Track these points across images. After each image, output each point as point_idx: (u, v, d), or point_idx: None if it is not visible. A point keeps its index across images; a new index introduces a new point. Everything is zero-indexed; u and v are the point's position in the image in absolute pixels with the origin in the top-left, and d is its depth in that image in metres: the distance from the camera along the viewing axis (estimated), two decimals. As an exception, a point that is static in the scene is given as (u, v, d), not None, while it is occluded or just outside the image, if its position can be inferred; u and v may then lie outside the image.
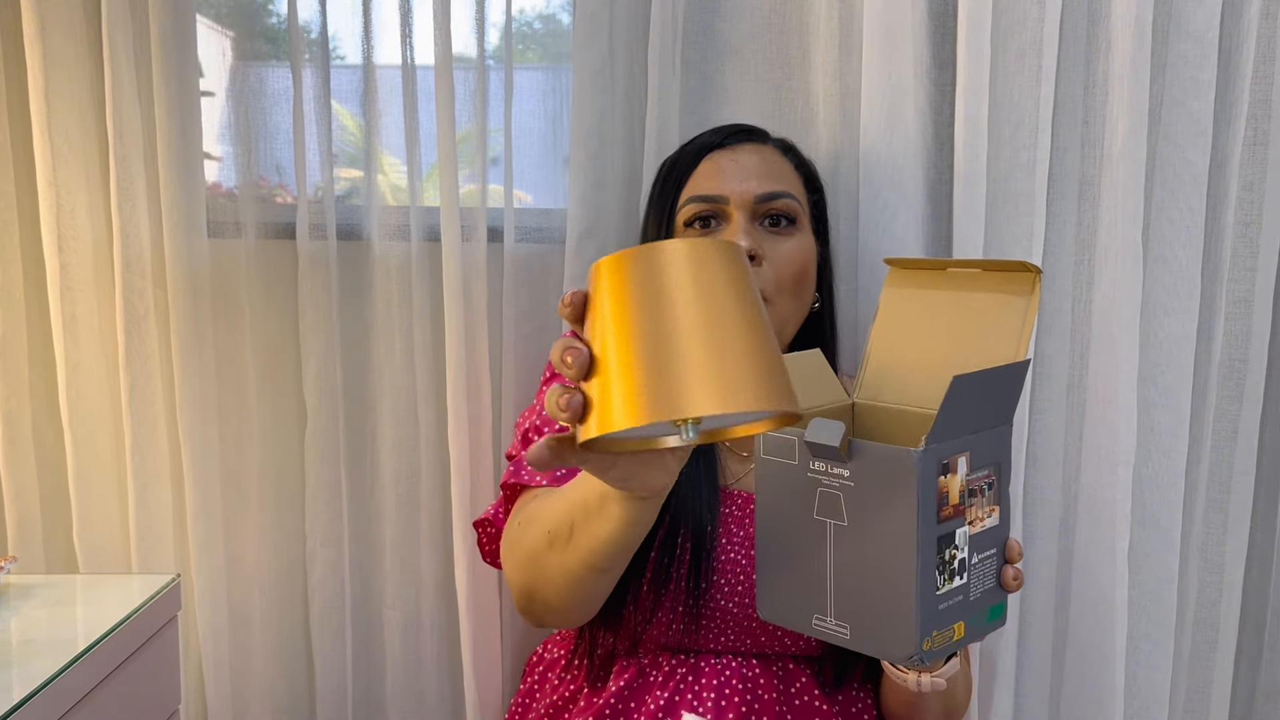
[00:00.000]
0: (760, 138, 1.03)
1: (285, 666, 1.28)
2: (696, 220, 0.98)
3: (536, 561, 0.81)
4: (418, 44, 1.16)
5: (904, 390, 0.71)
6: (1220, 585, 1.17)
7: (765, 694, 0.94)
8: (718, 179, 0.98)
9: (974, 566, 0.64)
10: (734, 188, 0.97)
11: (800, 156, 1.05)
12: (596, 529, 0.71)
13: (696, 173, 0.99)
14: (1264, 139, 1.09)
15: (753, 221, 0.97)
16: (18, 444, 1.19)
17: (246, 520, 1.24)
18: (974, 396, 0.61)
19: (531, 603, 0.85)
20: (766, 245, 0.96)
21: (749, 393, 0.49)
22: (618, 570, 0.79)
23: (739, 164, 0.98)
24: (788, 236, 0.98)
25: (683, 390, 0.48)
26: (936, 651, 0.62)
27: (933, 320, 0.71)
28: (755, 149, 1.01)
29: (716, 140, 1.01)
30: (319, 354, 1.21)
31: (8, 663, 0.84)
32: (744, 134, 1.02)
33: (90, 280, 1.17)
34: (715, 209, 0.97)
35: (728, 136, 1.01)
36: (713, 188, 0.98)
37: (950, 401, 0.58)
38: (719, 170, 0.98)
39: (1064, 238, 1.13)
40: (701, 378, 0.48)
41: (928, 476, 0.59)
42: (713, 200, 0.97)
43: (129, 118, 1.13)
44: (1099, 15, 1.09)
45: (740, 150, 1.00)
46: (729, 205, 0.97)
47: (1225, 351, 1.13)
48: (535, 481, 0.91)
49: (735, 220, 0.96)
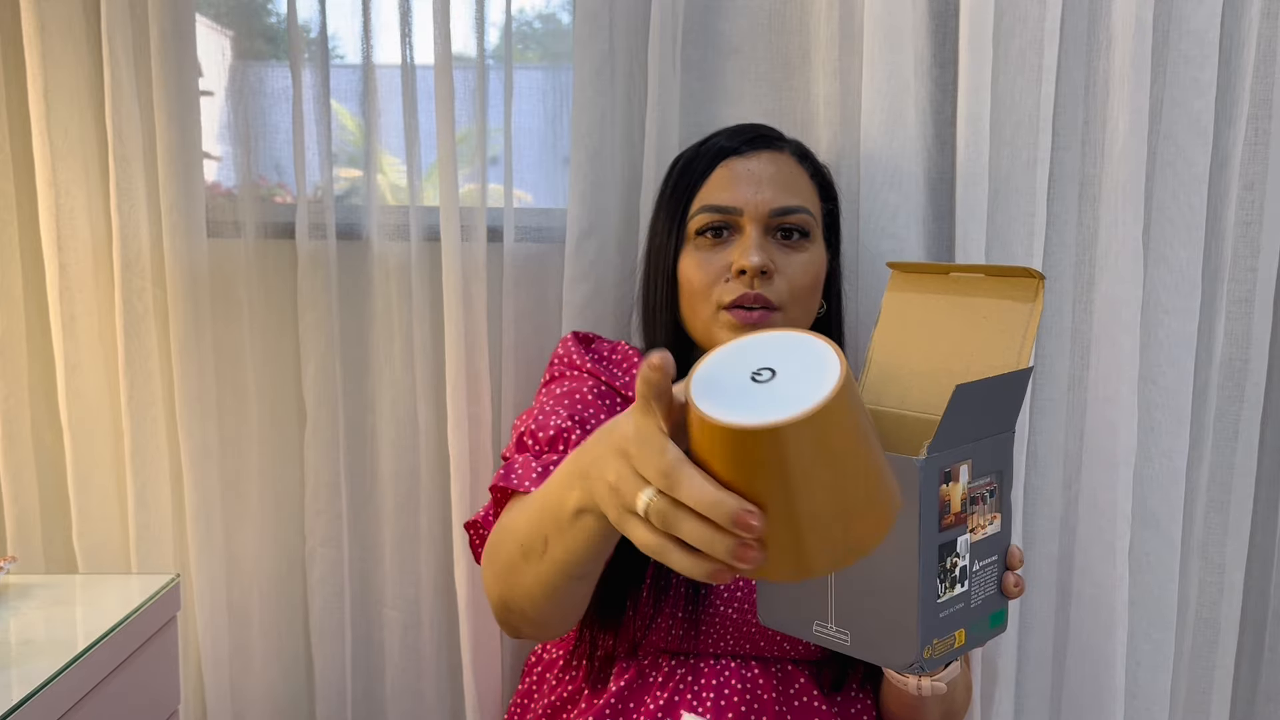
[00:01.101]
0: (777, 144, 1.01)
1: (285, 666, 1.28)
2: (709, 230, 0.97)
3: (513, 573, 0.78)
4: (417, 43, 1.16)
5: (905, 395, 0.71)
6: (1221, 586, 1.17)
7: (764, 695, 0.94)
8: (732, 189, 0.96)
9: (975, 574, 0.64)
10: (749, 199, 0.95)
11: (816, 164, 1.04)
12: (571, 539, 0.68)
13: (711, 180, 0.98)
14: (1265, 139, 1.09)
15: (765, 234, 0.96)
16: (17, 444, 1.19)
17: (246, 520, 1.24)
18: (976, 405, 0.60)
19: (509, 614, 0.83)
20: (779, 258, 0.95)
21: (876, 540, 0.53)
22: (594, 575, 0.76)
23: (754, 173, 0.97)
24: (800, 250, 0.97)
25: (830, 555, 0.52)
26: (937, 659, 0.62)
27: (935, 325, 0.71)
28: (772, 158, 0.99)
29: (732, 146, 0.99)
30: (318, 354, 1.21)
31: (7, 663, 0.84)
32: (761, 140, 1.00)
33: (89, 280, 1.17)
34: (728, 220, 0.96)
35: (744, 142, 0.99)
36: (727, 198, 0.96)
37: (952, 411, 0.58)
38: (734, 179, 0.97)
39: (1065, 237, 1.13)
40: (845, 543, 0.52)
41: (930, 485, 0.59)
42: (726, 211, 0.96)
43: (128, 117, 1.13)
44: (1100, 14, 1.09)
45: (756, 158, 0.98)
46: (742, 217, 0.96)
47: (1226, 351, 1.13)
48: (523, 487, 0.88)
49: (748, 233, 0.95)
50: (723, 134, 1.02)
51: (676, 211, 0.99)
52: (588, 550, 0.68)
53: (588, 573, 0.74)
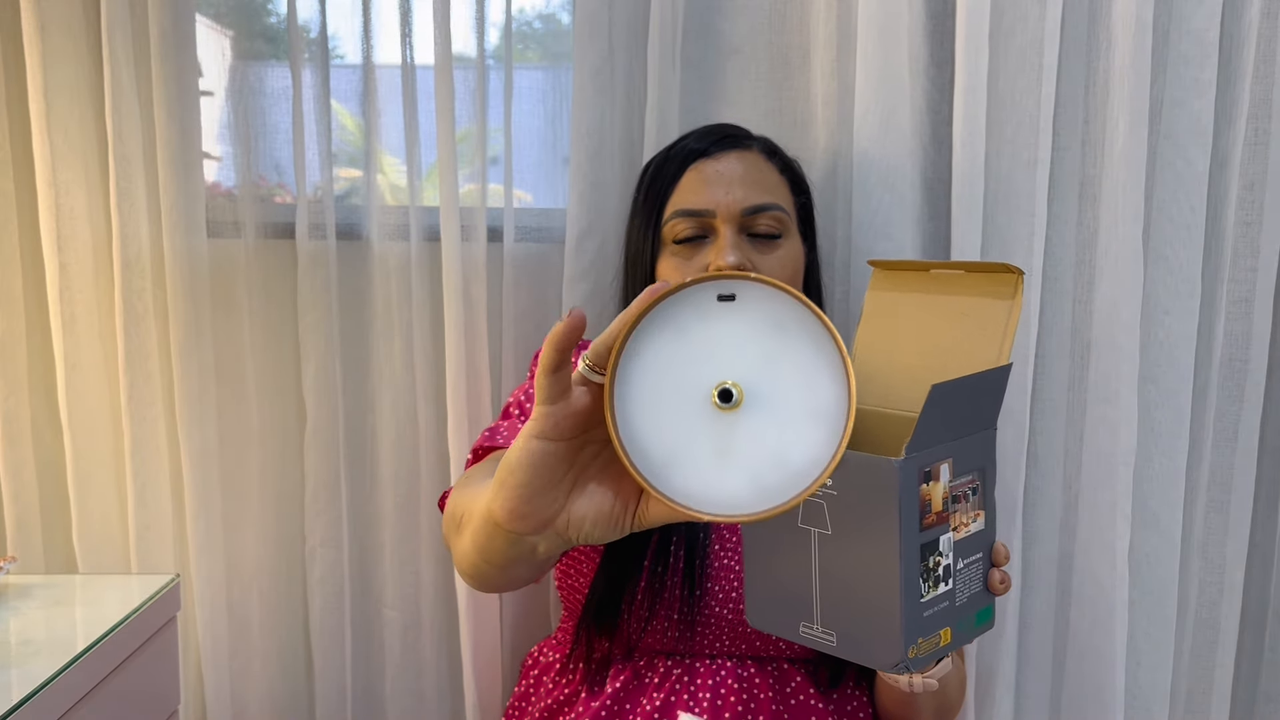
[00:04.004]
0: (745, 143, 1.01)
1: (284, 666, 1.28)
2: (685, 240, 0.97)
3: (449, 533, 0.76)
4: (417, 43, 1.16)
5: (888, 394, 0.71)
6: (1221, 586, 1.17)
7: (761, 694, 0.94)
8: (703, 191, 0.96)
9: (959, 572, 0.64)
10: (719, 200, 0.96)
11: (785, 159, 1.04)
12: (481, 536, 0.62)
13: (681, 183, 0.98)
14: (1265, 138, 1.09)
15: (740, 235, 0.96)
16: (17, 444, 1.19)
17: (246, 520, 1.24)
18: (954, 403, 0.60)
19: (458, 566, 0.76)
20: (755, 257, 0.96)
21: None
22: (514, 574, 0.68)
23: (723, 174, 0.97)
24: (776, 248, 0.97)
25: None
26: (923, 658, 0.62)
27: (916, 323, 0.71)
28: (740, 156, 0.99)
29: (700, 148, 0.99)
30: (318, 354, 1.21)
31: (7, 663, 0.84)
32: (728, 140, 1.00)
33: (89, 280, 1.17)
34: (702, 224, 0.96)
35: (712, 143, 0.99)
36: (698, 201, 0.96)
37: (929, 410, 0.58)
38: (704, 181, 0.97)
39: (1064, 237, 1.13)
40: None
41: (909, 486, 0.59)
42: (698, 214, 0.96)
43: (128, 117, 1.13)
44: (1100, 14, 1.09)
45: (725, 159, 0.98)
46: (715, 219, 0.96)
47: (1226, 351, 1.13)
48: (509, 444, 0.87)
49: (723, 235, 0.95)
50: (691, 136, 1.02)
51: (651, 217, 0.99)
52: (497, 552, 0.61)
53: (498, 573, 0.66)
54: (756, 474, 0.48)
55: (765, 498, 0.47)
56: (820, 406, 0.47)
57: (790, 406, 0.47)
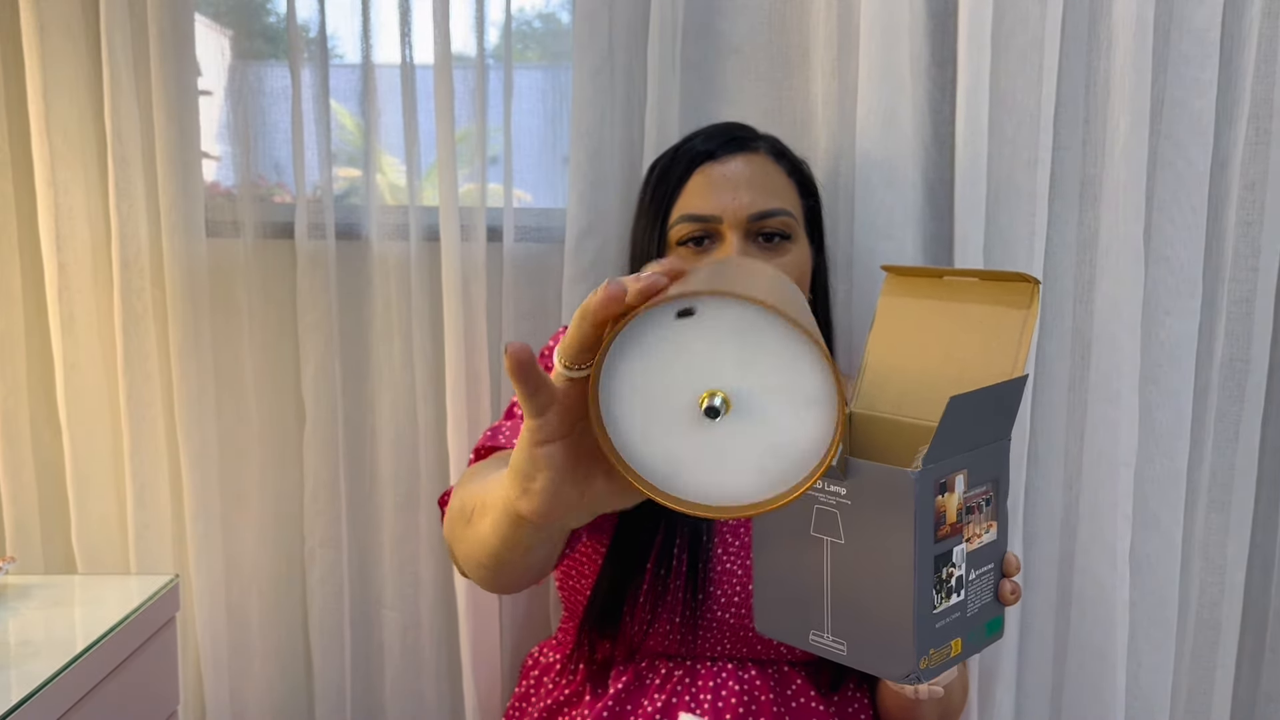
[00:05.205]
0: (752, 145, 1.00)
1: (284, 667, 1.28)
2: (690, 241, 0.96)
3: (454, 528, 0.76)
4: (417, 43, 1.16)
5: (900, 401, 0.70)
6: (1222, 586, 1.17)
7: (762, 696, 0.94)
8: (710, 195, 0.96)
9: (971, 583, 0.64)
10: (727, 204, 0.95)
11: (793, 160, 1.03)
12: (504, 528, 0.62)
13: (688, 187, 0.97)
14: (1266, 138, 1.09)
15: (746, 239, 0.95)
16: (16, 444, 1.19)
17: (245, 520, 1.23)
18: (971, 415, 0.60)
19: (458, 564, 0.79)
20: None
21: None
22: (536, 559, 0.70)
23: (731, 178, 0.96)
24: (783, 253, 0.96)
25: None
26: (934, 669, 0.61)
27: (929, 331, 0.71)
28: (747, 159, 0.98)
29: (708, 149, 0.98)
30: (317, 353, 1.21)
31: (6, 663, 0.84)
32: (735, 142, 0.99)
33: (88, 280, 1.17)
34: (708, 229, 0.96)
35: (719, 145, 0.98)
36: (705, 206, 0.95)
37: (947, 422, 0.57)
38: (711, 185, 0.96)
39: (1065, 237, 1.13)
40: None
41: (925, 497, 0.59)
42: (705, 220, 0.95)
43: (127, 117, 1.13)
44: (1100, 14, 1.09)
45: (732, 161, 0.97)
46: (722, 224, 0.95)
47: (1227, 351, 1.13)
48: (511, 444, 0.86)
49: (729, 240, 0.95)
50: (698, 136, 1.01)
51: (657, 219, 0.98)
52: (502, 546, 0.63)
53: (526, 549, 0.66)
54: (762, 467, 0.48)
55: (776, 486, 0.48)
56: (811, 392, 0.47)
57: (780, 401, 0.47)
